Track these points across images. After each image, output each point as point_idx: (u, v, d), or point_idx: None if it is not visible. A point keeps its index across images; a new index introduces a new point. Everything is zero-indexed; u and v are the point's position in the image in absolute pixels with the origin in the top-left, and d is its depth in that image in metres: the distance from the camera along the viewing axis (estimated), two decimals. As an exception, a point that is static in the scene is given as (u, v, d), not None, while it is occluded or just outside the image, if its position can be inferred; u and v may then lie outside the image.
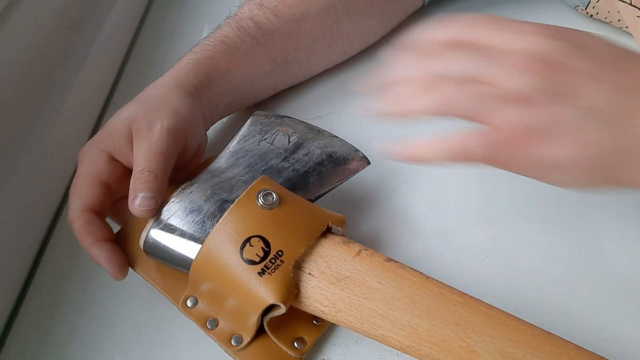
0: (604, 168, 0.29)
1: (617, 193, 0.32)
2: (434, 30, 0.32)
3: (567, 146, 0.28)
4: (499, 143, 0.29)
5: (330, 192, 0.41)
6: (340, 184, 0.41)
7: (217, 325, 0.35)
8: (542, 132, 0.28)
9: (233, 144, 0.42)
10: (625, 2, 0.47)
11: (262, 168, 0.40)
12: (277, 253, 0.33)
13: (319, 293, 0.33)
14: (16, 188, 0.44)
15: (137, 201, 0.36)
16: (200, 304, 0.36)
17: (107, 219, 0.40)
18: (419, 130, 0.32)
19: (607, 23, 0.52)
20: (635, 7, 0.47)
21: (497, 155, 0.29)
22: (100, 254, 0.37)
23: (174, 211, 0.37)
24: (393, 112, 0.31)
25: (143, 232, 0.37)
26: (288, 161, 0.41)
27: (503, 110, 0.29)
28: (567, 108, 0.28)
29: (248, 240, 0.34)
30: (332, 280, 0.33)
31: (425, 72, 0.31)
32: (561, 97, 0.29)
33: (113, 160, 0.40)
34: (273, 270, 0.33)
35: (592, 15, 0.53)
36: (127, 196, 0.37)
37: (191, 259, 0.35)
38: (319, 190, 0.40)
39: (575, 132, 0.28)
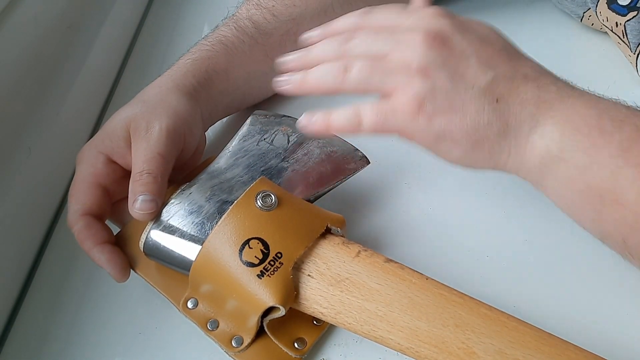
0: (481, 140, 0.33)
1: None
2: (342, 18, 0.39)
3: (451, 116, 0.32)
4: (391, 110, 0.34)
5: (329, 192, 0.41)
6: (339, 184, 0.41)
7: (217, 327, 0.35)
8: (432, 103, 0.33)
9: (232, 144, 0.42)
10: (607, 27, 0.48)
11: (262, 168, 0.40)
12: (276, 255, 0.33)
13: (319, 295, 0.33)
14: (16, 188, 0.44)
15: (138, 204, 0.36)
16: (200, 306, 0.36)
17: (107, 221, 0.40)
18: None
19: (604, 32, 0.52)
20: (616, 34, 0.48)
21: (390, 122, 0.34)
22: (101, 257, 0.37)
23: (174, 212, 0.37)
24: (320, 91, 0.37)
25: (143, 233, 0.37)
26: (287, 161, 0.41)
27: (400, 81, 0.33)
28: (454, 82, 0.33)
29: (247, 242, 0.33)
30: (331, 281, 0.33)
31: (338, 53, 0.36)
32: (449, 72, 0.33)
33: (111, 162, 0.39)
34: (272, 273, 0.33)
35: (592, 24, 0.53)
36: (126, 198, 0.37)
37: (191, 261, 0.35)
38: (318, 190, 0.40)
39: (459, 103, 0.32)
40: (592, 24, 0.53)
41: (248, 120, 0.44)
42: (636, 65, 0.47)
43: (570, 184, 0.32)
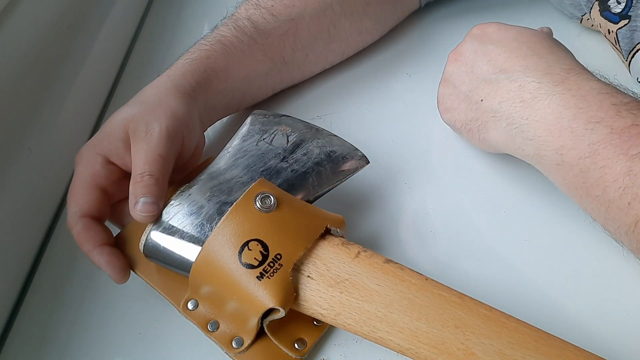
0: (472, 130, 0.41)
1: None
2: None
3: (452, 113, 0.44)
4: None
5: (329, 192, 0.41)
6: (339, 184, 0.41)
7: (217, 328, 0.35)
8: (443, 103, 0.45)
9: (232, 145, 0.42)
10: (602, 33, 0.48)
11: (261, 169, 0.40)
12: (275, 256, 0.33)
13: (318, 296, 0.33)
14: (16, 188, 0.44)
15: (139, 206, 0.36)
16: (201, 307, 0.36)
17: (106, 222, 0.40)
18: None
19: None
20: (609, 40, 0.48)
21: None
22: (100, 258, 0.37)
23: (174, 213, 0.37)
24: None
25: (143, 235, 0.37)
26: (287, 161, 0.41)
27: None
28: (455, 88, 0.43)
29: (246, 244, 0.33)
30: (331, 282, 0.33)
31: None
32: (455, 82, 0.43)
33: (109, 163, 0.39)
34: (272, 274, 0.33)
35: (592, 25, 0.53)
36: (125, 199, 0.37)
37: (191, 262, 0.35)
38: (318, 190, 0.40)
39: (456, 103, 0.43)
40: (592, 25, 0.53)
41: (247, 120, 0.44)
42: (629, 72, 0.47)
43: (553, 175, 0.37)
